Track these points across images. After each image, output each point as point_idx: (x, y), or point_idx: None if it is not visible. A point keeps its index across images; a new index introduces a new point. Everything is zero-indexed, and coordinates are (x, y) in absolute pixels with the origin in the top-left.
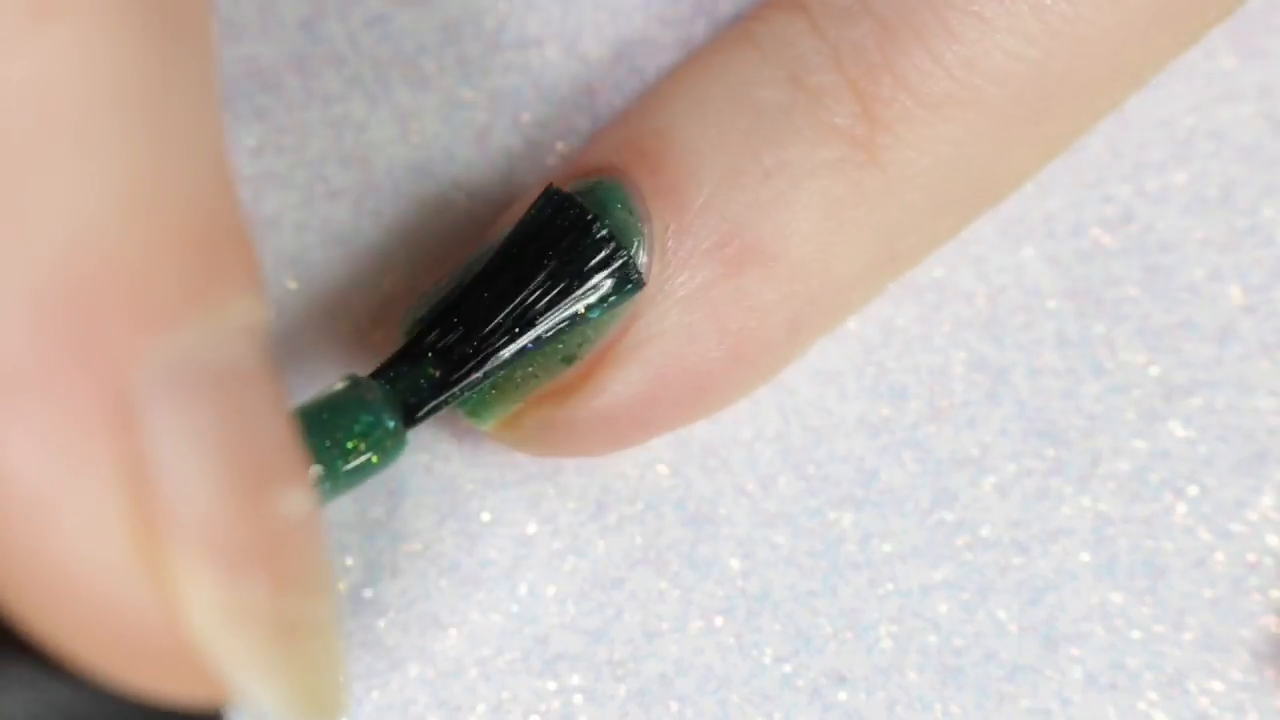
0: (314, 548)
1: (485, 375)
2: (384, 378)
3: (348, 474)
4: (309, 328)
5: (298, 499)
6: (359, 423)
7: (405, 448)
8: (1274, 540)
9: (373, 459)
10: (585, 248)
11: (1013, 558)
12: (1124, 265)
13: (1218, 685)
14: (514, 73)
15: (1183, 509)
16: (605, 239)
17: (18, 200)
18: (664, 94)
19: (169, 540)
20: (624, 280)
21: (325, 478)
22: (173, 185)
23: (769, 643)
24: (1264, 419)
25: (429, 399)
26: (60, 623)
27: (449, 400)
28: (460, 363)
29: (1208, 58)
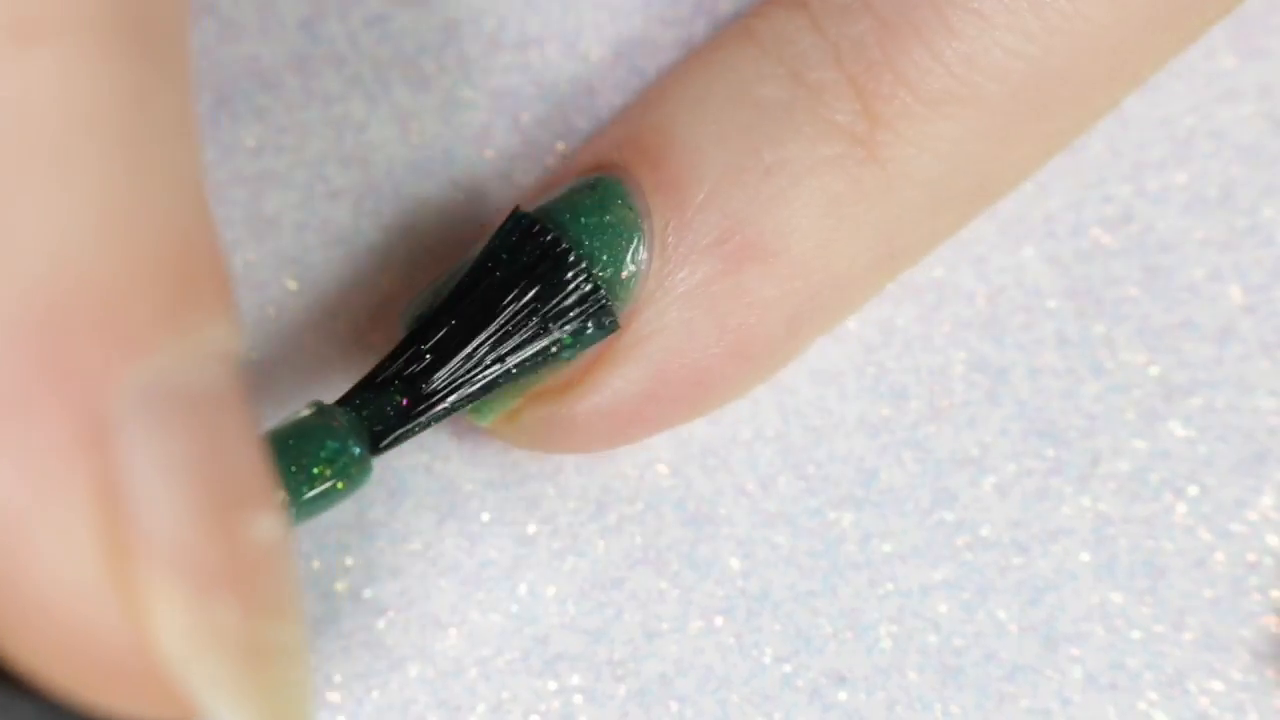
0: (284, 572)
1: (453, 406)
2: (350, 404)
3: (313, 500)
4: (309, 328)
5: (268, 524)
6: (325, 449)
7: (371, 475)
8: (1274, 540)
9: (338, 485)
10: (563, 285)
11: (1013, 558)
12: (1124, 265)
13: (1218, 685)
14: (514, 73)
15: (1183, 509)
16: (584, 278)
17: None
18: (665, 91)
19: (140, 563)
20: (600, 325)
21: (290, 503)
22: (149, 210)
23: (769, 643)
24: (1264, 419)
25: (395, 427)
26: (31, 643)
27: (415, 429)
28: (429, 394)
29: (1208, 58)
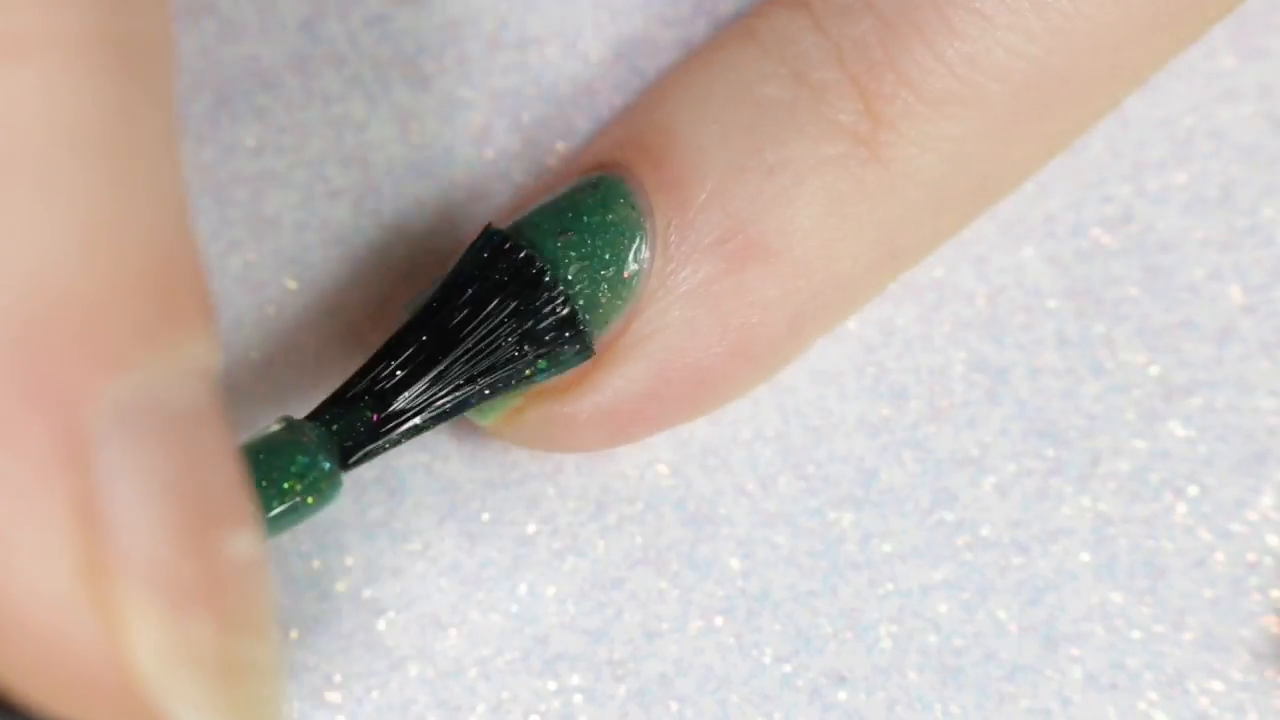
0: (260, 590)
1: (424, 424)
2: (321, 420)
3: (282, 515)
4: (309, 328)
5: (245, 541)
6: (295, 464)
7: (340, 490)
8: (1274, 540)
9: (308, 500)
10: (539, 308)
11: (1013, 558)
12: (1124, 265)
13: (1218, 685)
14: (514, 73)
15: (1183, 509)
16: (560, 301)
17: None
18: (667, 90)
19: (117, 579)
20: (576, 350)
21: (260, 518)
22: (131, 226)
23: (769, 643)
24: (1264, 419)
25: (365, 442)
26: (7, 657)
27: (386, 445)
28: (399, 411)
29: (1208, 58)
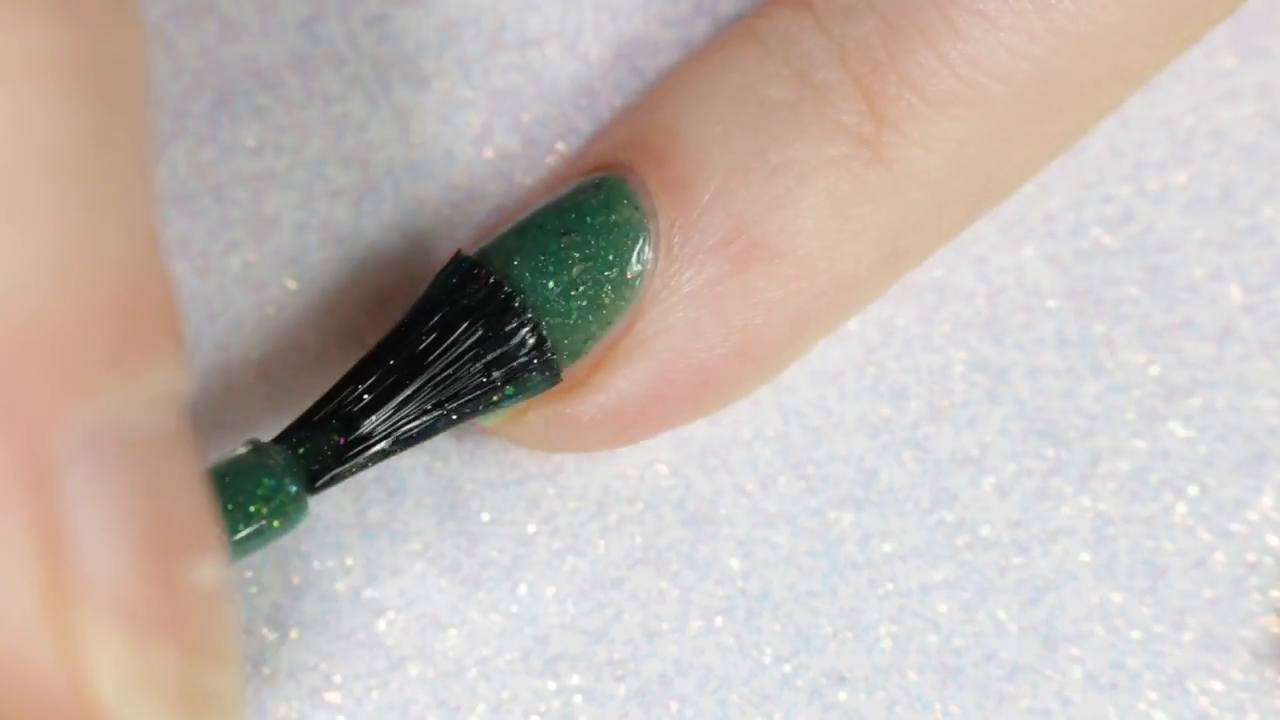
0: (224, 618)
1: (391, 448)
2: (288, 443)
3: (247, 538)
4: (309, 328)
5: (209, 569)
6: (261, 487)
7: (307, 514)
8: (1274, 540)
9: (274, 524)
10: (507, 335)
11: (1013, 558)
12: (1124, 265)
13: (1218, 685)
14: (514, 73)
15: (1183, 509)
16: (529, 329)
17: None
18: (669, 91)
19: (79, 604)
20: (544, 376)
21: (225, 541)
22: (101, 252)
23: (769, 643)
24: (1264, 419)
25: (332, 466)
26: None
27: (353, 470)
28: (367, 435)
29: (1208, 58)
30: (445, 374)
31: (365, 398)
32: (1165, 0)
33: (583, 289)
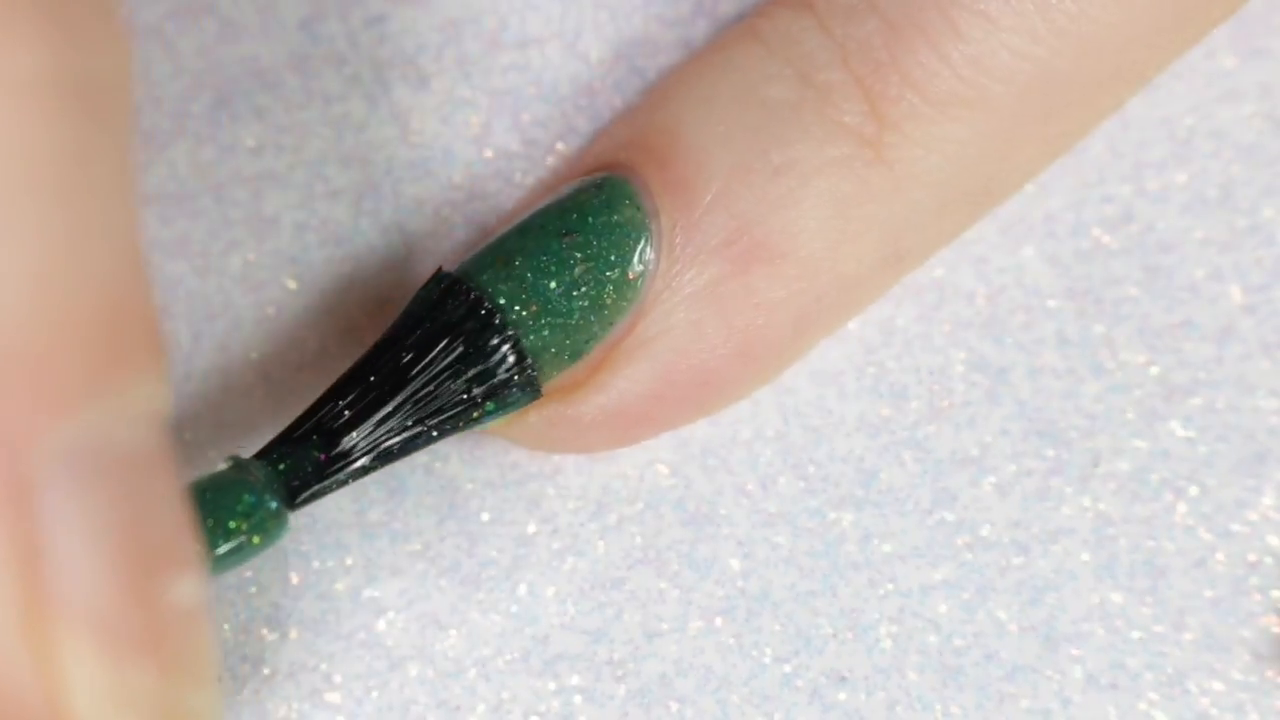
0: (202, 637)
1: (371, 464)
2: (268, 458)
3: (228, 554)
4: (308, 328)
5: (189, 587)
6: (241, 503)
7: (287, 529)
8: (1274, 540)
9: (254, 540)
10: (487, 352)
11: (1013, 558)
12: (1124, 265)
13: (1218, 685)
14: (514, 73)
15: (1183, 509)
16: (509, 346)
17: None
18: (671, 91)
19: (56, 622)
20: (524, 392)
21: (205, 557)
22: (83, 270)
23: (769, 643)
24: (1264, 419)
25: (313, 482)
26: None
27: (334, 485)
28: (347, 451)
29: (1208, 58)
30: (426, 390)
31: (346, 414)
32: (1167, 1)
33: (584, 289)
